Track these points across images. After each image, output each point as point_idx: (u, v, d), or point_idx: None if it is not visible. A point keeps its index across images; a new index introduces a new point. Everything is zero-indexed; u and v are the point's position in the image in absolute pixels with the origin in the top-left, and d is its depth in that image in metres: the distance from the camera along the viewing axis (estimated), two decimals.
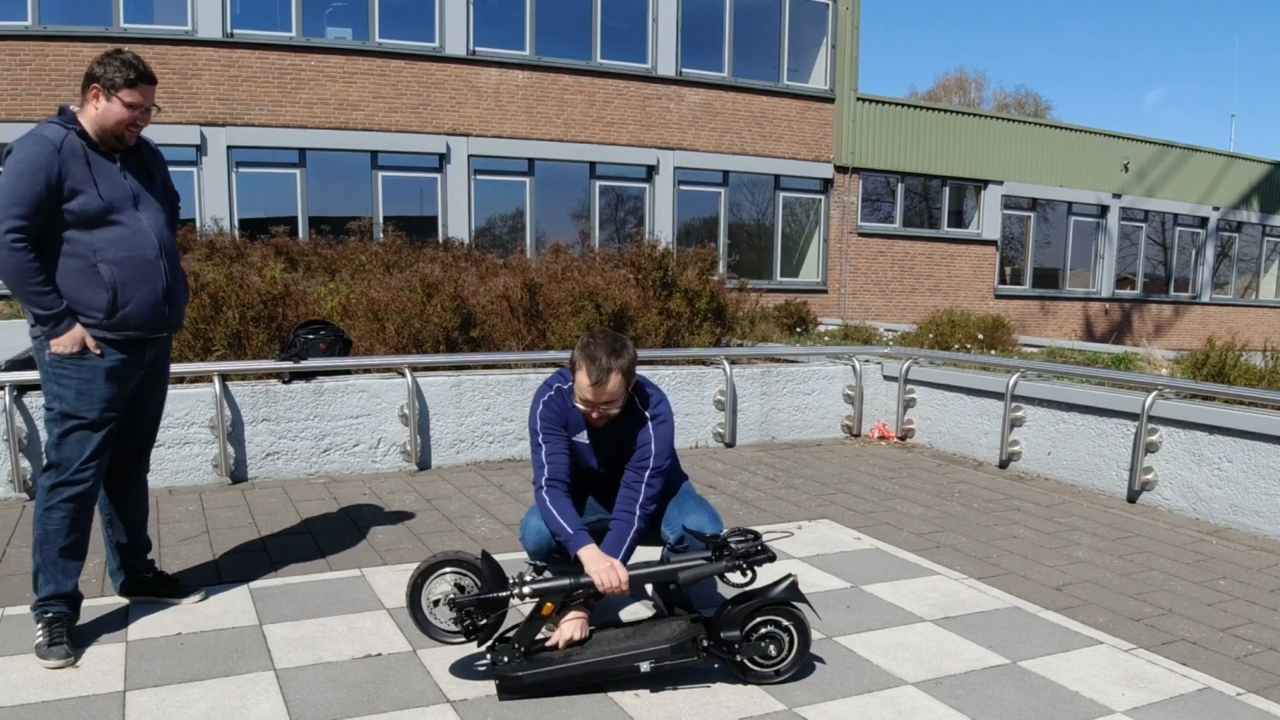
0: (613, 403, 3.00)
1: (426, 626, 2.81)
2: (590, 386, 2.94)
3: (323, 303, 6.70)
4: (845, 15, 16.78)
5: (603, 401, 2.98)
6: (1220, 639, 3.32)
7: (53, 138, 2.89)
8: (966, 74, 49.74)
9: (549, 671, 2.75)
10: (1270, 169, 22.77)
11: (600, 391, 2.95)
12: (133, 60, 2.97)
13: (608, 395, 2.97)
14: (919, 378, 6.77)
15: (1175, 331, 21.45)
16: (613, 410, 3.02)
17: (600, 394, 2.96)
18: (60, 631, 3.01)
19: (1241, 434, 4.73)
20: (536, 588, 2.79)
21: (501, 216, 15.23)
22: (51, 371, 2.99)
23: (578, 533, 2.92)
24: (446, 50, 14.06)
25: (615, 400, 3.00)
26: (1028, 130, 19.74)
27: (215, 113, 12.88)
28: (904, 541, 4.41)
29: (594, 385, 2.93)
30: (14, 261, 2.85)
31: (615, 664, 2.78)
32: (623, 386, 2.99)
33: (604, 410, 3.01)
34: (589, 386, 2.94)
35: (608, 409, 3.01)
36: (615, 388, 2.97)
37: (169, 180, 3.29)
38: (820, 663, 3.02)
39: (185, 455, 5.19)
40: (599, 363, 2.93)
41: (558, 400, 3.12)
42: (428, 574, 2.80)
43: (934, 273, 18.21)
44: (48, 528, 3.05)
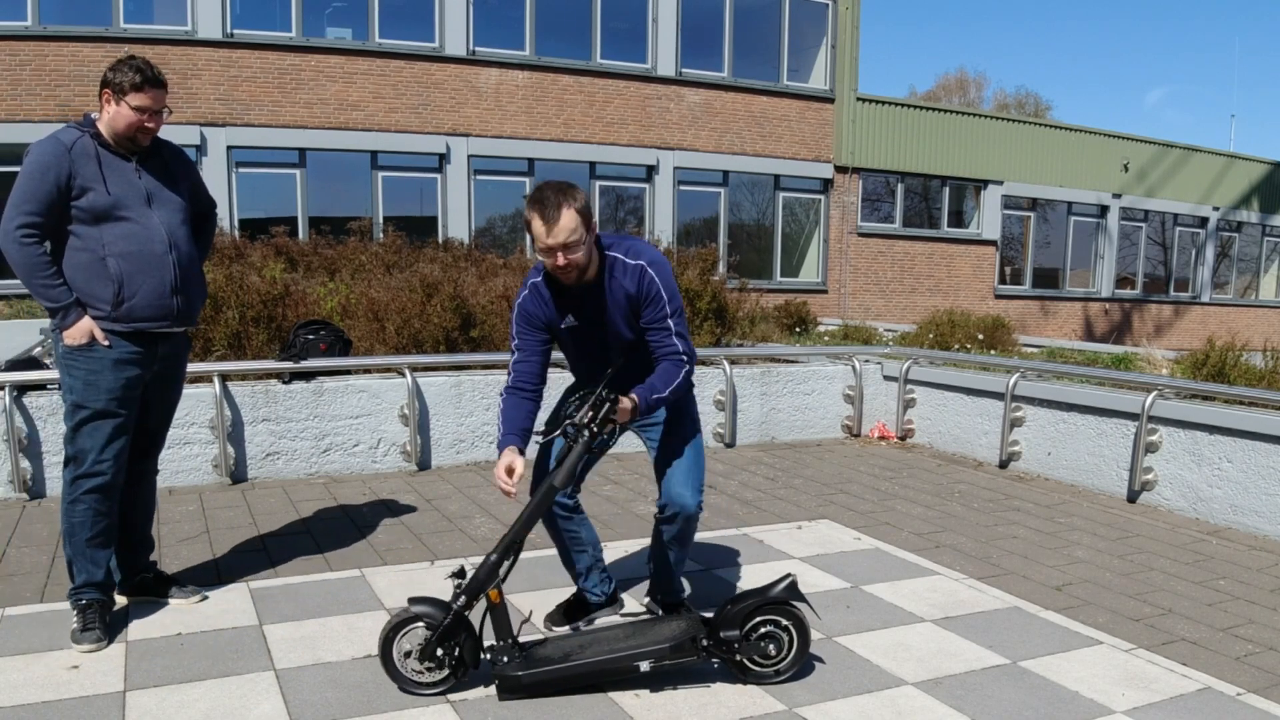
0: (572, 246, 2.81)
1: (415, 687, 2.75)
2: (544, 229, 2.78)
3: (323, 303, 6.70)
4: (845, 15, 16.78)
5: (561, 244, 2.79)
6: (1220, 639, 3.32)
7: (65, 140, 3.04)
8: (966, 74, 49.79)
9: (548, 671, 2.74)
10: (1270, 169, 22.78)
11: (553, 229, 2.77)
12: (141, 65, 3.06)
13: (564, 235, 2.78)
14: (919, 378, 6.77)
15: (1175, 331, 21.46)
16: (577, 256, 2.83)
17: (555, 233, 2.78)
18: (93, 617, 3.12)
19: (1241, 434, 4.73)
20: (465, 587, 2.72)
21: (501, 216, 15.23)
22: (64, 363, 3.11)
23: (506, 435, 2.93)
24: (446, 50, 14.06)
25: (575, 244, 2.81)
26: (1028, 130, 19.74)
27: (215, 113, 12.88)
28: (904, 541, 4.41)
29: (546, 225, 2.77)
30: (24, 256, 3.00)
31: (615, 664, 2.77)
32: (579, 223, 2.81)
33: (568, 257, 2.82)
34: (544, 231, 2.78)
35: (570, 254, 2.82)
36: (569, 222, 2.78)
37: (201, 186, 3.43)
38: (820, 663, 3.02)
39: (185, 455, 5.19)
40: (548, 202, 2.79)
41: (533, 297, 3.02)
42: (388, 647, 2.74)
43: (934, 273, 18.21)
44: (73, 520, 3.15)
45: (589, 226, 2.89)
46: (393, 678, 2.76)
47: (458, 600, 2.70)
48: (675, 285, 3.04)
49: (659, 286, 2.97)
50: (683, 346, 2.99)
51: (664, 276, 3.00)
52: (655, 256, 3.05)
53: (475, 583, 2.72)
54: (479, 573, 2.72)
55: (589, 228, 2.89)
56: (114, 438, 3.14)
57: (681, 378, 2.96)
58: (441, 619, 2.70)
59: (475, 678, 2.84)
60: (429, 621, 2.71)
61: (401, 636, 2.74)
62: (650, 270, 2.99)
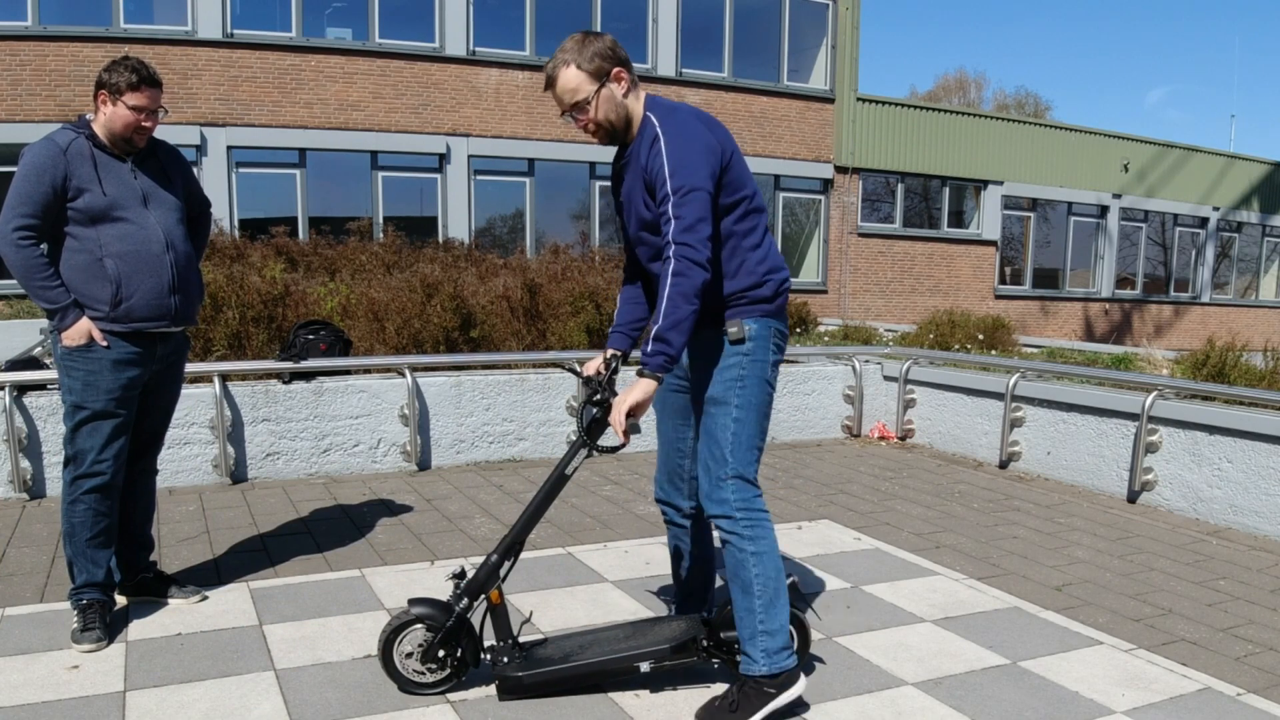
0: (580, 106, 2.55)
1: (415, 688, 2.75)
2: (549, 90, 2.58)
3: (323, 303, 6.70)
4: (845, 15, 16.78)
5: (566, 105, 2.57)
6: (1220, 639, 3.32)
7: (60, 141, 3.04)
8: (966, 74, 49.81)
9: (549, 672, 2.74)
10: (1270, 169, 22.78)
11: (554, 92, 2.57)
12: (136, 65, 3.06)
13: (567, 96, 2.55)
14: (919, 378, 6.77)
15: (1175, 332, 21.46)
16: (589, 116, 2.56)
17: (556, 95, 2.57)
18: (94, 618, 3.12)
19: (1241, 434, 4.73)
20: (466, 588, 2.71)
21: (501, 216, 15.23)
22: (63, 364, 3.11)
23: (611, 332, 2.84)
24: (446, 50, 14.06)
25: (581, 104, 2.54)
26: (1028, 130, 19.75)
27: (215, 113, 12.88)
28: (904, 542, 4.41)
29: (547, 87, 2.58)
30: (21, 258, 3.00)
31: (615, 664, 2.77)
32: (581, 80, 2.53)
33: (580, 119, 2.58)
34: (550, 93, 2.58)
35: (580, 115, 2.57)
36: (568, 82, 2.54)
37: (194, 185, 3.42)
38: (820, 663, 3.02)
39: (185, 455, 5.19)
40: (552, 59, 2.56)
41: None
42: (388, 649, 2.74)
43: (934, 273, 18.21)
44: (73, 520, 3.15)
45: (609, 77, 2.55)
46: (393, 678, 2.76)
47: (459, 602, 2.70)
48: (694, 157, 2.46)
49: (663, 159, 2.47)
50: (675, 233, 2.40)
51: (677, 145, 2.47)
52: (678, 118, 2.55)
53: (476, 584, 2.71)
54: (479, 574, 2.72)
55: (610, 78, 2.55)
56: (114, 438, 3.14)
57: (669, 288, 2.40)
58: (442, 620, 2.69)
59: (475, 677, 2.84)
60: (430, 623, 2.71)
61: (402, 638, 2.73)
62: (663, 136, 2.50)
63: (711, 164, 2.49)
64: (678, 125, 2.52)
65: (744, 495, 2.57)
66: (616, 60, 2.57)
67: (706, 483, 2.61)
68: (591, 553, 4.15)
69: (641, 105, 2.62)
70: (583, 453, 2.67)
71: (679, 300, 2.40)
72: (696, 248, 2.41)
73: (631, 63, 2.64)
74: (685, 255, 2.40)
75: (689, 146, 2.48)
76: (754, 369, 2.60)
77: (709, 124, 2.60)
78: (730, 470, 2.56)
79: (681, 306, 2.40)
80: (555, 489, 2.74)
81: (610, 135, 2.61)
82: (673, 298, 2.40)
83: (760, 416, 2.61)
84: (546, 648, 2.86)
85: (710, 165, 2.48)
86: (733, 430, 2.57)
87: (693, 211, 2.42)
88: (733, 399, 2.57)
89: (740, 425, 2.57)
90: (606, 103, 2.56)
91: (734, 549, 2.57)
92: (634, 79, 2.62)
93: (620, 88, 2.57)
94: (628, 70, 2.60)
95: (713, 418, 2.60)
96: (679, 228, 2.41)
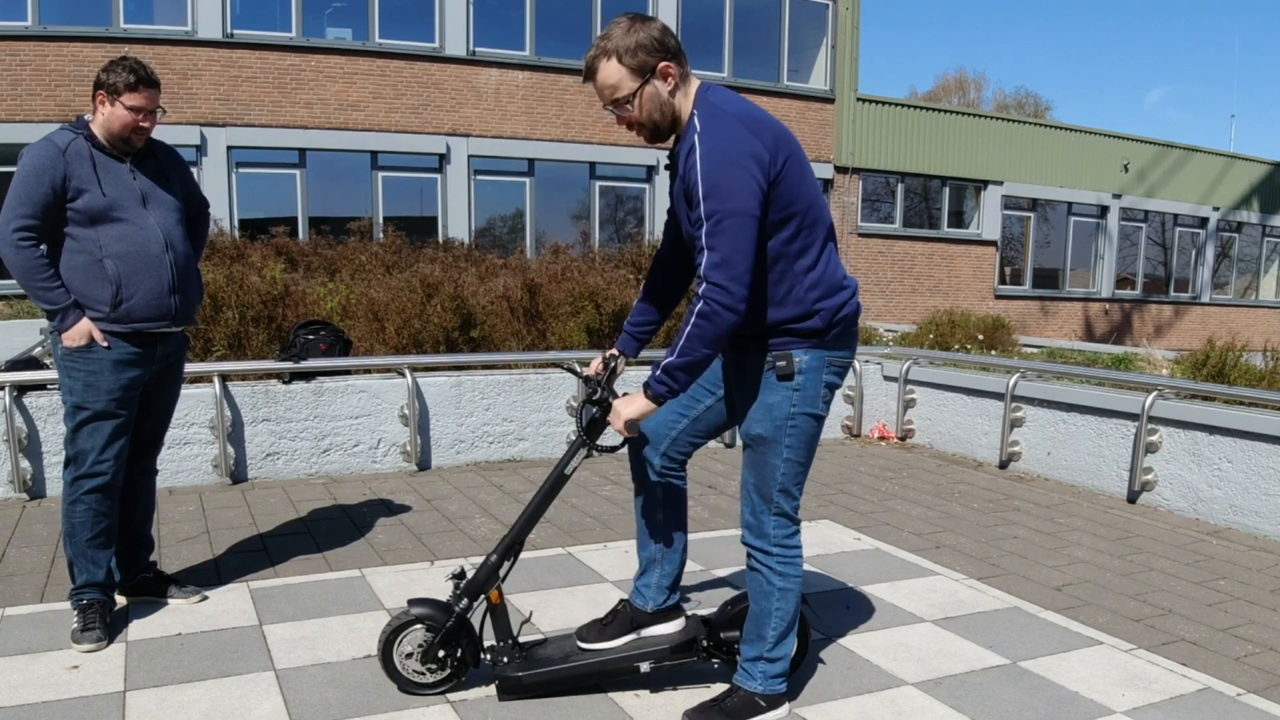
0: (620, 103, 2.35)
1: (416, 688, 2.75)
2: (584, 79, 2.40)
3: (323, 303, 6.70)
4: (845, 15, 16.79)
5: (606, 102, 2.37)
6: (1220, 639, 3.32)
7: (59, 142, 3.04)
8: (966, 74, 49.79)
9: (549, 672, 2.74)
10: (1270, 169, 22.78)
11: (594, 86, 2.36)
12: (134, 65, 3.06)
13: (606, 93, 2.35)
14: (919, 378, 6.77)
15: (1175, 332, 21.46)
16: (629, 114, 2.37)
17: (597, 91, 2.37)
18: (94, 618, 3.12)
19: (1241, 434, 4.73)
20: (465, 588, 2.71)
21: (501, 216, 15.23)
22: (63, 365, 3.11)
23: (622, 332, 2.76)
24: (446, 50, 14.07)
25: (622, 100, 2.34)
26: (1028, 130, 19.75)
27: (215, 113, 12.89)
28: (904, 542, 4.41)
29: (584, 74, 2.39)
30: (21, 259, 3.00)
31: (615, 664, 2.77)
32: (623, 75, 2.31)
33: (621, 116, 2.39)
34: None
35: (619, 111, 2.38)
36: (607, 77, 2.32)
37: (192, 185, 3.41)
38: (820, 663, 3.02)
39: (185, 455, 5.19)
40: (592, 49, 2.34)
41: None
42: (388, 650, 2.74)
43: (934, 273, 18.21)
44: (74, 521, 3.15)
45: (655, 73, 2.31)
46: (393, 679, 2.75)
47: (459, 602, 2.69)
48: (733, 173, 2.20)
49: (698, 175, 2.22)
50: (706, 268, 2.20)
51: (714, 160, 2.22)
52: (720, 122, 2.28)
53: (475, 584, 2.71)
54: (479, 574, 2.71)
55: (656, 74, 2.31)
56: (114, 438, 3.14)
57: (691, 329, 2.25)
58: (442, 621, 2.69)
59: (475, 677, 2.84)
60: (429, 623, 2.71)
61: (402, 639, 2.73)
62: (700, 147, 2.24)
63: (755, 179, 2.23)
64: (718, 134, 2.26)
65: (784, 531, 2.56)
66: (665, 53, 2.32)
67: (749, 514, 2.57)
68: (591, 553, 4.15)
69: (691, 101, 2.37)
70: (582, 452, 2.67)
71: (698, 343, 2.27)
72: (729, 289, 2.20)
73: (683, 53, 2.38)
74: (715, 298, 2.21)
75: (727, 161, 2.22)
76: (804, 404, 2.45)
77: (758, 127, 2.31)
78: (776, 507, 2.53)
79: (699, 350, 2.27)
80: (555, 488, 2.74)
81: (655, 134, 2.40)
82: (692, 338, 2.27)
83: (810, 451, 2.53)
84: (546, 648, 2.86)
85: (754, 181, 2.23)
86: (782, 470, 2.49)
87: (728, 243, 2.20)
88: (784, 439, 2.46)
89: (790, 465, 2.49)
90: (650, 101, 2.34)
91: (763, 579, 2.56)
92: (684, 72, 2.37)
93: (667, 85, 2.34)
94: (677, 63, 2.35)
95: (762, 456, 2.49)
96: (710, 262, 2.21)
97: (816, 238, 2.43)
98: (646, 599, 2.82)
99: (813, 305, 2.42)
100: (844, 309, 2.47)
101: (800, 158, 2.39)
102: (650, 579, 2.82)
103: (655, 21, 2.36)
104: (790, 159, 2.34)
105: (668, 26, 2.39)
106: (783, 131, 2.38)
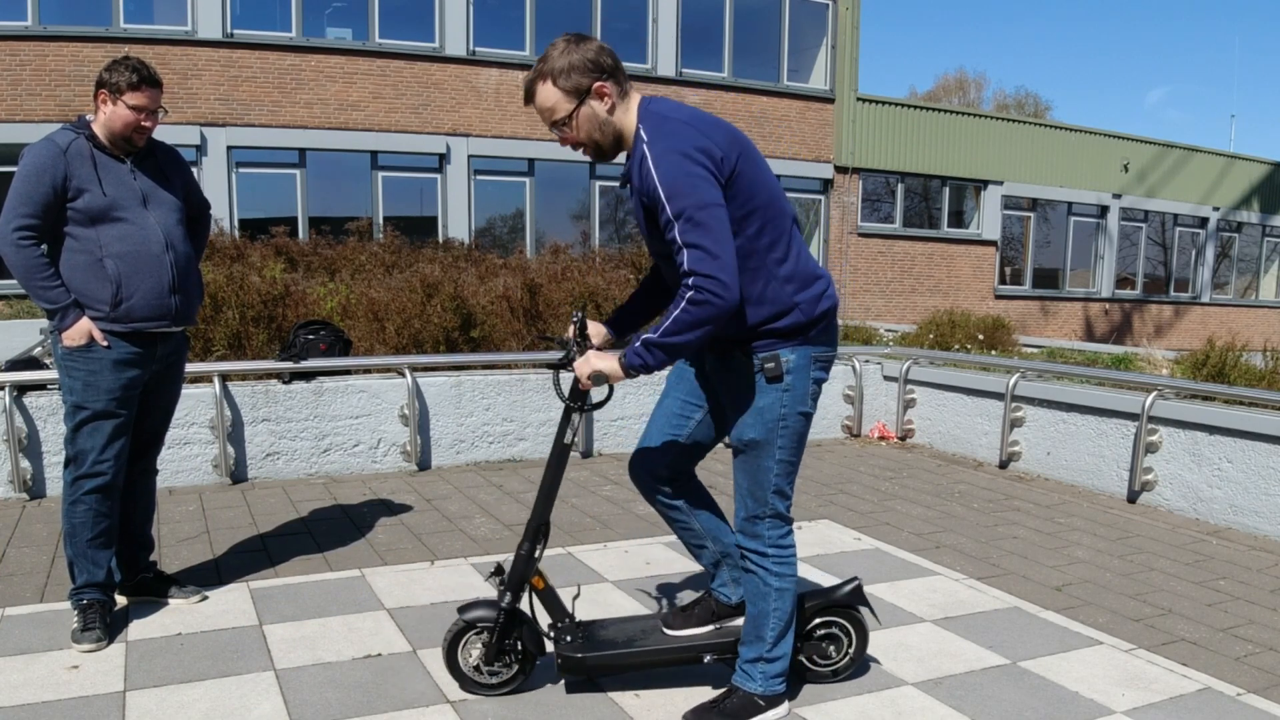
0: (559, 125, 2.37)
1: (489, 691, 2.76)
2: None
3: (323, 303, 6.70)
4: (845, 15, 16.79)
5: (547, 124, 2.38)
6: (1220, 639, 3.32)
7: (60, 141, 3.05)
8: (966, 74, 49.81)
9: (611, 655, 2.73)
10: (1270, 169, 22.78)
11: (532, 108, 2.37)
12: (136, 65, 3.07)
13: (545, 115, 2.37)
14: (919, 378, 6.77)
15: (1175, 332, 21.46)
16: (570, 134, 2.39)
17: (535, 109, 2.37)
18: (94, 618, 3.12)
19: (1241, 434, 4.73)
20: (507, 581, 2.71)
21: (501, 216, 15.23)
22: (63, 364, 3.12)
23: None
24: (446, 50, 14.07)
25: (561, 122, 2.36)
26: (1028, 130, 19.75)
27: (215, 113, 12.89)
28: (904, 542, 4.41)
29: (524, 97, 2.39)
30: (22, 258, 3.01)
31: (680, 654, 2.78)
32: (558, 99, 2.32)
33: (563, 137, 2.40)
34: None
35: (559, 132, 2.39)
36: (544, 100, 2.34)
37: (193, 185, 3.41)
38: None
39: (185, 455, 5.19)
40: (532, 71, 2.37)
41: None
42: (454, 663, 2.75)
43: (934, 273, 18.21)
44: (74, 521, 3.16)
45: (590, 93, 2.33)
46: (471, 690, 2.75)
47: (504, 598, 2.69)
48: (691, 169, 2.21)
49: (655, 180, 2.23)
50: (693, 262, 2.18)
51: (668, 162, 2.23)
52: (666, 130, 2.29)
53: (516, 576, 2.71)
54: (516, 566, 2.70)
55: (591, 94, 2.33)
56: (114, 438, 3.14)
57: (680, 312, 2.22)
58: (494, 619, 2.69)
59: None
60: (482, 625, 2.72)
61: (463, 649, 2.74)
62: (650, 154, 2.26)
63: (711, 171, 2.25)
64: (666, 138, 2.27)
65: (779, 532, 2.58)
66: (599, 72, 2.33)
67: (744, 517, 2.59)
68: (591, 553, 4.15)
69: (634, 116, 2.37)
70: (575, 417, 2.64)
71: (685, 326, 2.23)
72: (720, 278, 2.18)
73: (621, 70, 2.39)
74: (707, 287, 2.18)
75: (681, 159, 2.23)
76: (795, 404, 2.47)
77: (707, 128, 2.33)
78: (770, 509, 2.55)
79: (685, 333, 2.23)
80: (561, 461, 2.69)
81: (598, 153, 2.42)
82: (680, 320, 2.23)
83: (800, 449, 2.55)
84: (609, 630, 2.87)
85: (710, 174, 2.24)
86: (776, 471, 2.51)
87: (707, 235, 2.18)
88: (776, 440, 2.48)
89: (783, 465, 2.51)
90: (588, 122, 2.36)
91: (759, 580, 2.58)
92: (622, 90, 2.38)
93: (603, 105, 2.35)
94: (614, 81, 2.36)
95: (755, 459, 2.50)
96: (695, 257, 2.19)
97: (784, 230, 2.44)
98: (730, 595, 2.85)
99: (791, 299, 2.43)
100: (822, 301, 2.49)
101: (753, 154, 2.40)
102: (724, 577, 2.85)
103: (592, 42, 2.37)
104: (743, 155, 2.35)
105: (605, 46, 2.39)
106: (733, 130, 2.40)
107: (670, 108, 2.40)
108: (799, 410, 2.49)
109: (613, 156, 2.46)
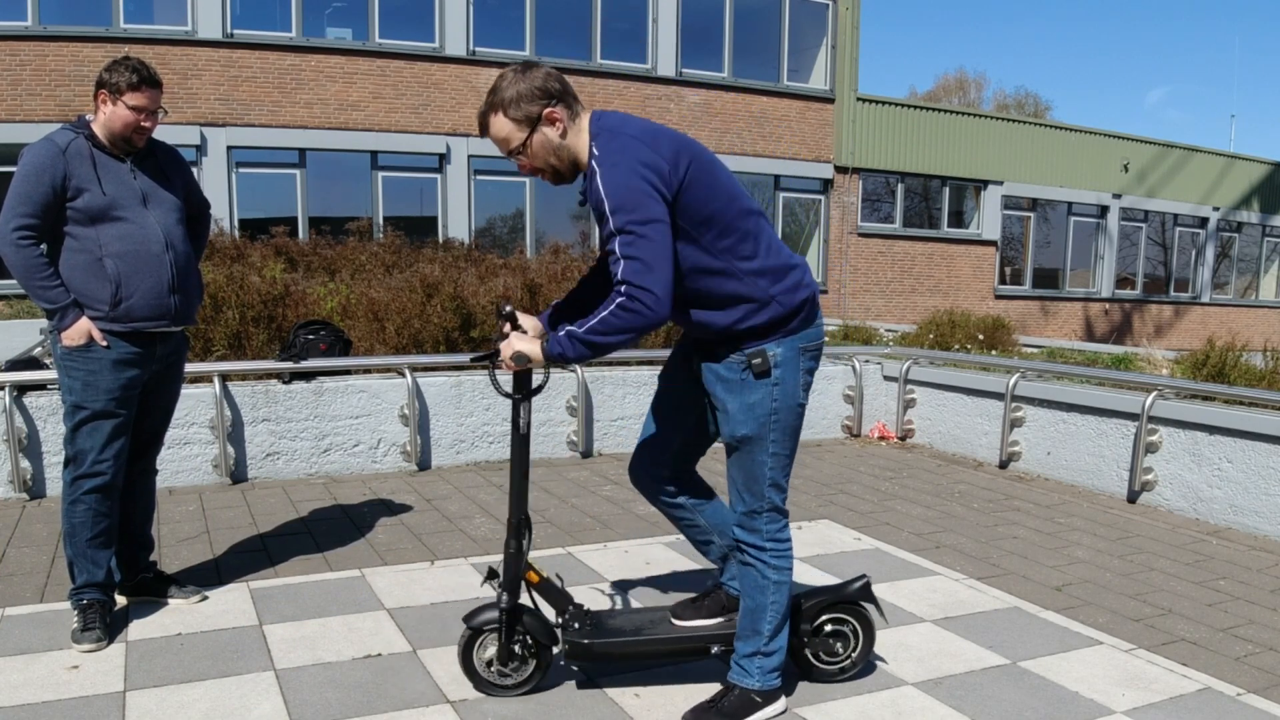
0: (515, 153, 2.43)
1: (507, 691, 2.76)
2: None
3: (323, 303, 6.70)
4: (845, 15, 16.79)
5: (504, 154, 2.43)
6: (1220, 639, 3.32)
7: (60, 141, 3.05)
8: (966, 74, 49.82)
9: (618, 643, 2.74)
10: (1270, 169, 22.78)
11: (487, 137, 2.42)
12: (137, 65, 3.07)
13: (500, 146, 2.42)
14: (919, 378, 6.77)
15: (1175, 332, 21.46)
16: (525, 161, 2.44)
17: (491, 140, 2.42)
18: (94, 618, 3.12)
19: (1241, 434, 4.73)
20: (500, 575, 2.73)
21: (501, 217, 15.24)
22: (62, 364, 3.11)
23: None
24: (446, 50, 14.07)
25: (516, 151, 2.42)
26: (1028, 130, 19.75)
27: (215, 113, 12.89)
28: (904, 542, 4.41)
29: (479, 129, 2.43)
30: (21, 258, 3.01)
31: (688, 644, 2.79)
32: (511, 129, 2.38)
33: (516, 161, 2.45)
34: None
35: (519, 159, 2.44)
36: (498, 131, 2.40)
37: (193, 185, 3.41)
38: None
39: (185, 455, 5.19)
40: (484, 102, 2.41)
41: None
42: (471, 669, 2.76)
43: (934, 273, 18.21)
44: (74, 521, 3.15)
45: (541, 120, 2.37)
46: (492, 692, 2.75)
47: (502, 599, 2.70)
48: (637, 185, 2.25)
49: (601, 193, 2.28)
50: (628, 273, 2.22)
51: (614, 175, 2.27)
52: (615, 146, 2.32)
53: (509, 576, 2.72)
54: (507, 565, 2.72)
55: (543, 121, 2.37)
56: (114, 438, 3.14)
57: (609, 314, 2.26)
58: (497, 619, 2.70)
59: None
60: (488, 628, 2.73)
61: (475, 656, 2.75)
62: (599, 169, 2.31)
63: (656, 187, 2.27)
64: (614, 154, 2.30)
65: (776, 526, 2.60)
66: (547, 98, 2.37)
67: (740, 512, 2.60)
68: (591, 553, 4.15)
69: (587, 135, 2.40)
70: (523, 406, 2.66)
71: (609, 329, 2.27)
72: (654, 292, 2.23)
73: (570, 93, 2.42)
74: (640, 298, 2.23)
75: (626, 173, 2.26)
76: (786, 397, 2.49)
77: (654, 140, 2.34)
78: (768, 503, 2.56)
79: (608, 336, 2.28)
80: (522, 452, 2.70)
81: (557, 176, 2.46)
82: (607, 321, 2.27)
83: (794, 440, 2.56)
84: (617, 619, 2.88)
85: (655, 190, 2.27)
86: (770, 465, 2.52)
87: (646, 250, 2.23)
88: (769, 434, 2.50)
89: (777, 459, 2.53)
90: (542, 148, 2.40)
91: (757, 574, 2.60)
92: (573, 112, 2.41)
93: (555, 130, 2.39)
94: (564, 105, 2.39)
95: (749, 454, 2.52)
96: (632, 269, 2.22)
97: (747, 229, 2.44)
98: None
99: (766, 293, 2.45)
100: (799, 291, 2.50)
101: (705, 160, 2.41)
102: (733, 570, 2.85)
103: (539, 69, 2.40)
104: (694, 163, 2.36)
105: (552, 71, 2.42)
106: (682, 139, 2.42)
107: (619, 121, 2.42)
108: (790, 402, 2.51)
109: (572, 179, 2.48)
